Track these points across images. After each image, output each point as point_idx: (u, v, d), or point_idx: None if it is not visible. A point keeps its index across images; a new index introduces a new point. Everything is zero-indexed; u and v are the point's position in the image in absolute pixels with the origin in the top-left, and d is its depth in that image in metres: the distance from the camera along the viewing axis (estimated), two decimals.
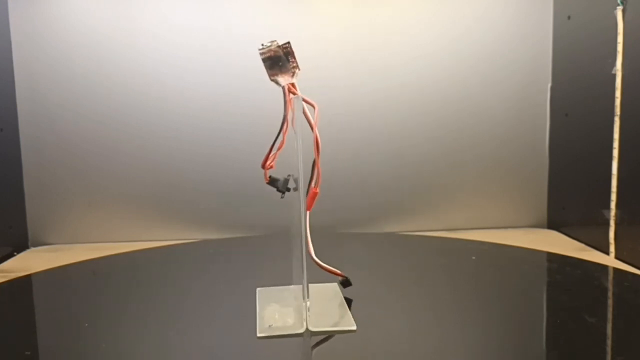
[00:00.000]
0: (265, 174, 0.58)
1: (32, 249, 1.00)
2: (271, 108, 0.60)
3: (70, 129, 1.00)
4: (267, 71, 0.56)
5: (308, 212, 0.57)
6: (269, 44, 0.55)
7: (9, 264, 0.91)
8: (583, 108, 0.97)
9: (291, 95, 0.56)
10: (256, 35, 0.67)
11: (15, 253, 0.97)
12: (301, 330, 0.56)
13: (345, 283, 0.63)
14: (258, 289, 0.66)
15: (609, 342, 0.55)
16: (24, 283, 0.78)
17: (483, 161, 1.06)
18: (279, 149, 0.56)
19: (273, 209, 0.91)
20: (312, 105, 0.56)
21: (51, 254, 0.95)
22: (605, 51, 0.87)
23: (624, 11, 0.84)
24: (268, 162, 0.57)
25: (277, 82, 0.56)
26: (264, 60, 0.55)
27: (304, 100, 0.56)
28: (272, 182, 0.58)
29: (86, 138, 1.01)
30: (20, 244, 1.00)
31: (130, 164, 1.02)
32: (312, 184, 0.58)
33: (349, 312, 0.60)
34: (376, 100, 1.04)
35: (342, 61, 1.03)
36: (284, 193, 0.58)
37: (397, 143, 1.05)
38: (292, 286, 0.63)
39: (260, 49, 0.55)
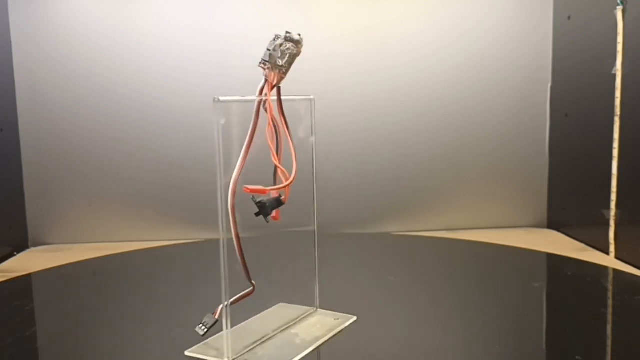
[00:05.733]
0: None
1: (32, 249, 1.00)
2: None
3: (70, 129, 1.00)
4: (290, 66, 0.51)
5: None
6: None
7: (9, 264, 0.91)
8: (583, 108, 0.97)
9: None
10: (256, 36, 0.67)
11: (15, 253, 0.97)
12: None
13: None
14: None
15: (608, 342, 0.55)
16: (24, 283, 0.78)
17: (483, 161, 1.06)
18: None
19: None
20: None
21: (51, 254, 0.95)
22: (605, 51, 0.87)
23: (624, 11, 0.84)
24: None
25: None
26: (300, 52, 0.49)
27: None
28: (261, 207, 0.51)
29: (86, 138, 1.01)
30: (20, 244, 0.99)
31: (130, 164, 1.02)
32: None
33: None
34: (377, 101, 1.04)
35: (342, 62, 1.02)
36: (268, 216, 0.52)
37: (397, 143, 1.05)
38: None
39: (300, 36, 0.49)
